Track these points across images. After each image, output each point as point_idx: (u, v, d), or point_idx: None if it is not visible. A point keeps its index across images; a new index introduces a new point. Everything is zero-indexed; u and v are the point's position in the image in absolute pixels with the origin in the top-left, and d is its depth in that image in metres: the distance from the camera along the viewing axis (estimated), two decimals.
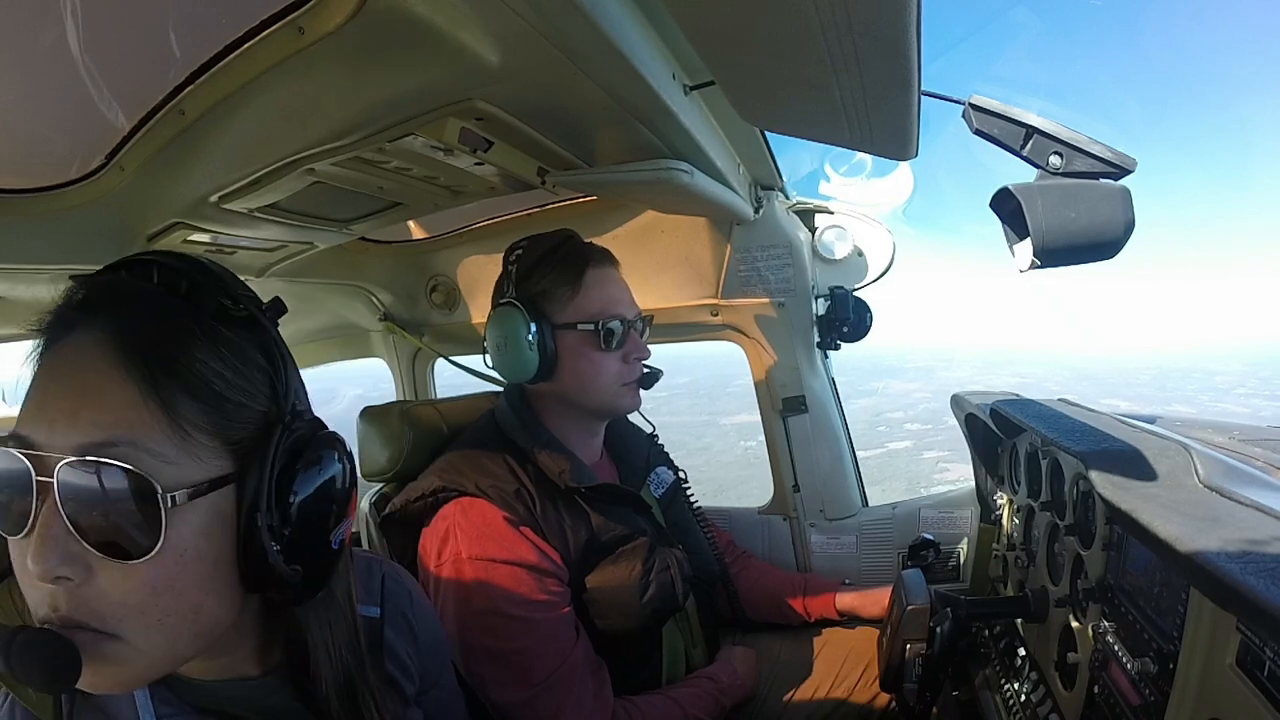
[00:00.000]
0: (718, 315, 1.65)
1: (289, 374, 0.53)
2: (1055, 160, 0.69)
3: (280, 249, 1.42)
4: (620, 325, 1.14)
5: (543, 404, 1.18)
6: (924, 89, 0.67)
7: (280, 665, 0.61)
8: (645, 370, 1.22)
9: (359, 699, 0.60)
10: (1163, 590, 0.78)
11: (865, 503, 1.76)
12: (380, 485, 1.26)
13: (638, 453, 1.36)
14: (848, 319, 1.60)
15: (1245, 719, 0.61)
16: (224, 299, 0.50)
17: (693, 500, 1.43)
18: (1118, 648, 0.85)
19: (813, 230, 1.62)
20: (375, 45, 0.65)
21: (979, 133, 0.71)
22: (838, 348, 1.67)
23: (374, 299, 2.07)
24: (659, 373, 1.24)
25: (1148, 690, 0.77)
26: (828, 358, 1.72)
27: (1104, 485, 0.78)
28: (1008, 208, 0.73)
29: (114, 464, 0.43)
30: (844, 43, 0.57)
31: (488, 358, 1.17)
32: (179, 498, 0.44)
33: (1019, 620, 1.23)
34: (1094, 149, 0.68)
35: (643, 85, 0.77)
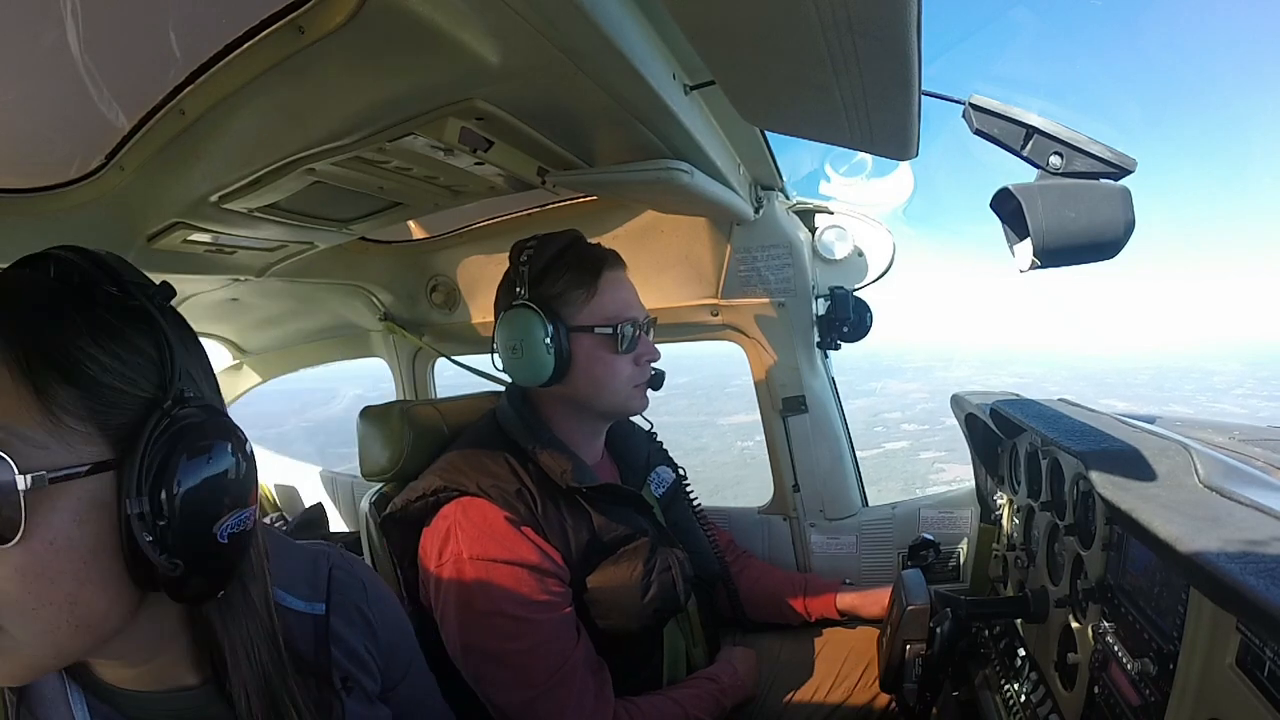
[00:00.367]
0: (718, 315, 1.65)
1: (182, 361, 0.52)
2: (1055, 160, 0.69)
3: (280, 249, 1.42)
4: (633, 328, 1.14)
5: (548, 405, 1.18)
6: (924, 89, 0.67)
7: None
8: (654, 371, 1.22)
9: (279, 704, 0.58)
10: (1163, 590, 0.78)
11: (865, 503, 1.76)
12: (380, 485, 1.26)
13: (638, 452, 1.36)
14: (848, 319, 1.60)
15: (1245, 719, 0.61)
16: (112, 289, 0.50)
17: (693, 500, 1.43)
18: (1118, 648, 0.85)
19: (813, 230, 1.62)
20: (375, 45, 0.65)
21: (979, 133, 0.71)
22: (838, 348, 1.67)
23: (374, 299, 2.07)
24: (664, 374, 1.25)
25: (1148, 690, 0.77)
26: (828, 358, 1.72)
27: (1104, 485, 0.78)
28: (1008, 208, 0.73)
29: None
30: (844, 42, 0.57)
31: (496, 359, 1.15)
32: (37, 481, 0.44)
33: (1019, 620, 1.23)
34: (1094, 149, 0.68)
35: (643, 85, 0.77)
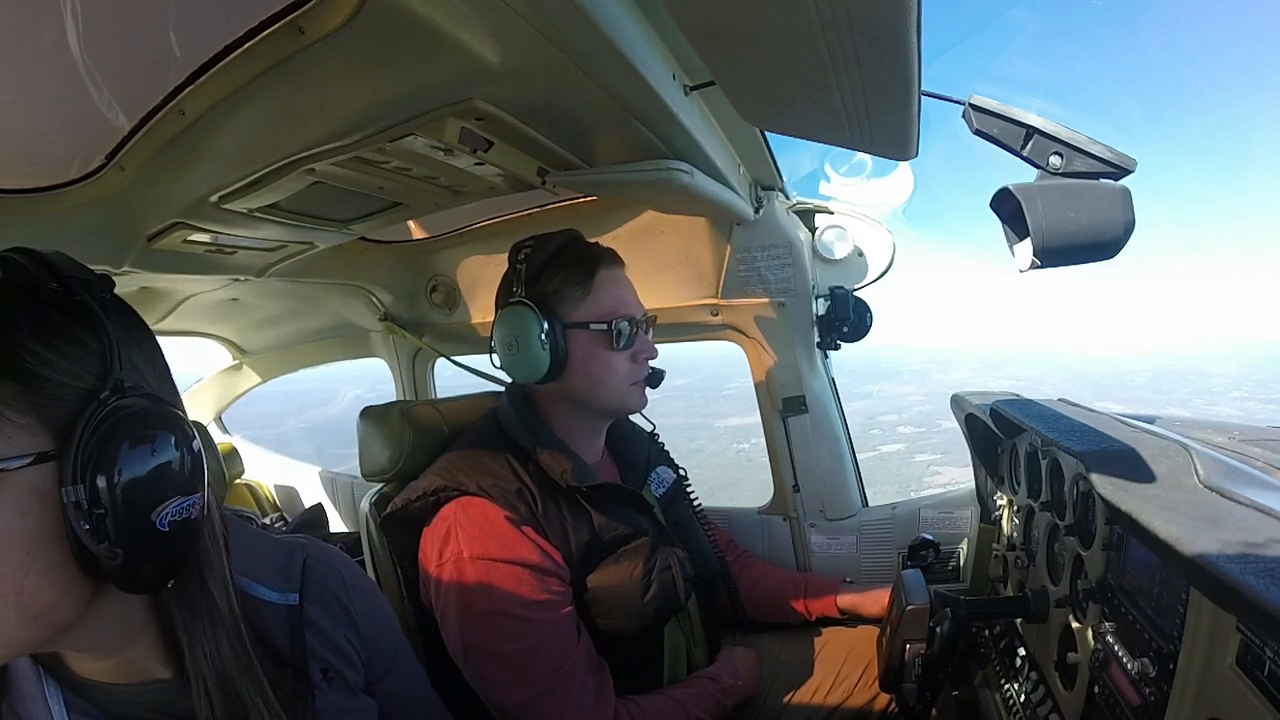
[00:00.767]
0: (718, 315, 1.65)
1: (127, 352, 0.52)
2: (1055, 160, 0.69)
3: (280, 249, 1.42)
4: (630, 325, 1.14)
5: (548, 404, 1.18)
6: (924, 89, 0.67)
7: None
8: (651, 370, 1.22)
9: (238, 696, 0.58)
10: (1163, 590, 0.78)
11: (865, 503, 1.76)
12: (380, 485, 1.26)
13: (638, 452, 1.36)
14: (848, 319, 1.61)
15: (1245, 719, 0.61)
16: (55, 285, 0.51)
17: (694, 500, 1.43)
18: (1118, 648, 0.85)
19: (813, 230, 1.62)
20: (375, 45, 0.65)
21: (979, 133, 0.71)
22: (838, 348, 1.67)
23: (374, 299, 2.07)
24: (663, 372, 1.25)
25: (1148, 690, 0.77)
26: (828, 358, 1.72)
27: (1104, 485, 0.78)
28: (1008, 208, 0.73)
29: None
30: (844, 43, 0.57)
31: (494, 357, 1.16)
32: None
33: (1019, 620, 1.23)
34: (1094, 149, 0.68)
35: (643, 85, 0.77)
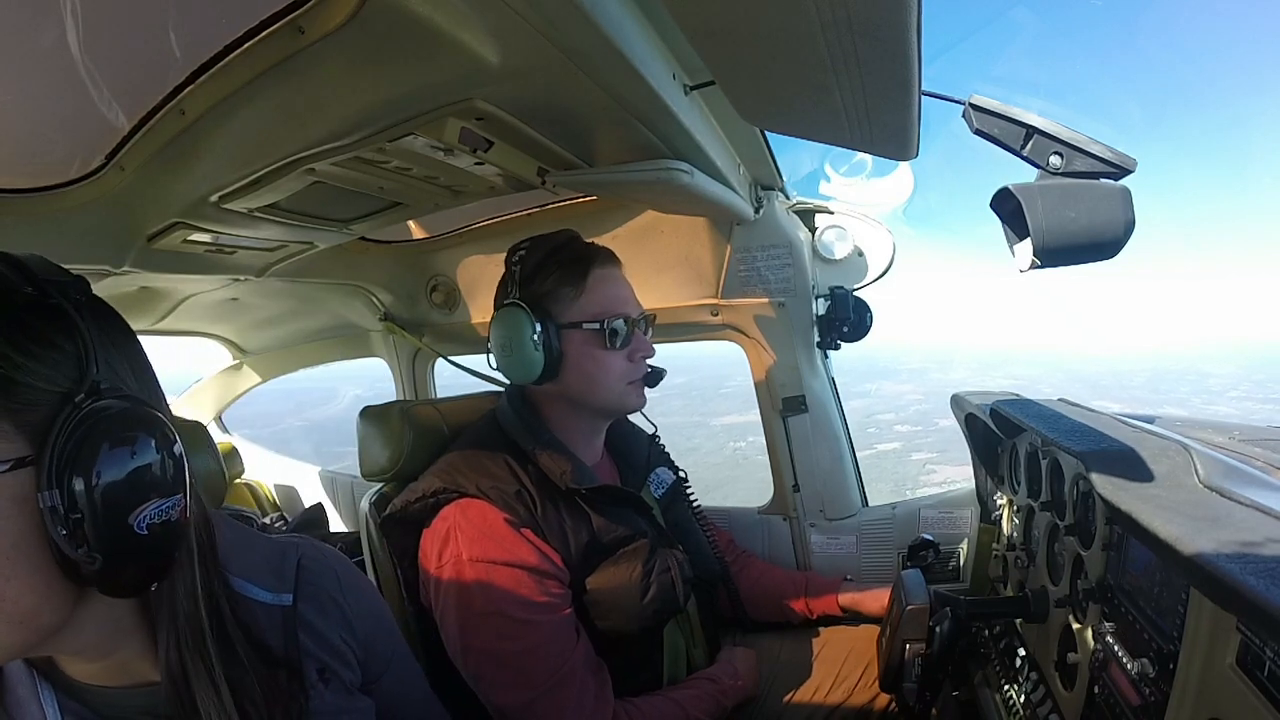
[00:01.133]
0: (718, 315, 1.65)
1: (102, 354, 0.51)
2: (1055, 160, 0.69)
3: (280, 249, 1.42)
4: (625, 324, 1.14)
5: (546, 404, 1.18)
6: (924, 89, 0.67)
7: None
8: (650, 369, 1.21)
9: (195, 697, 0.56)
10: (1163, 590, 0.78)
11: (865, 503, 1.76)
12: (380, 485, 1.26)
13: (638, 453, 1.36)
14: (848, 319, 1.61)
15: (1245, 719, 0.61)
16: (29, 289, 0.50)
17: (693, 501, 1.43)
18: (1118, 648, 0.85)
19: (813, 230, 1.62)
20: (375, 45, 0.65)
21: (979, 133, 0.71)
22: (838, 347, 1.67)
23: (374, 299, 2.07)
24: (662, 371, 1.24)
25: (1148, 690, 0.77)
26: (828, 357, 1.72)
27: (1104, 485, 0.78)
28: (1008, 208, 0.73)
29: None
30: (844, 43, 0.57)
31: (491, 358, 1.16)
32: None
33: (1019, 620, 1.23)
34: (1094, 149, 0.68)
35: (643, 85, 0.77)
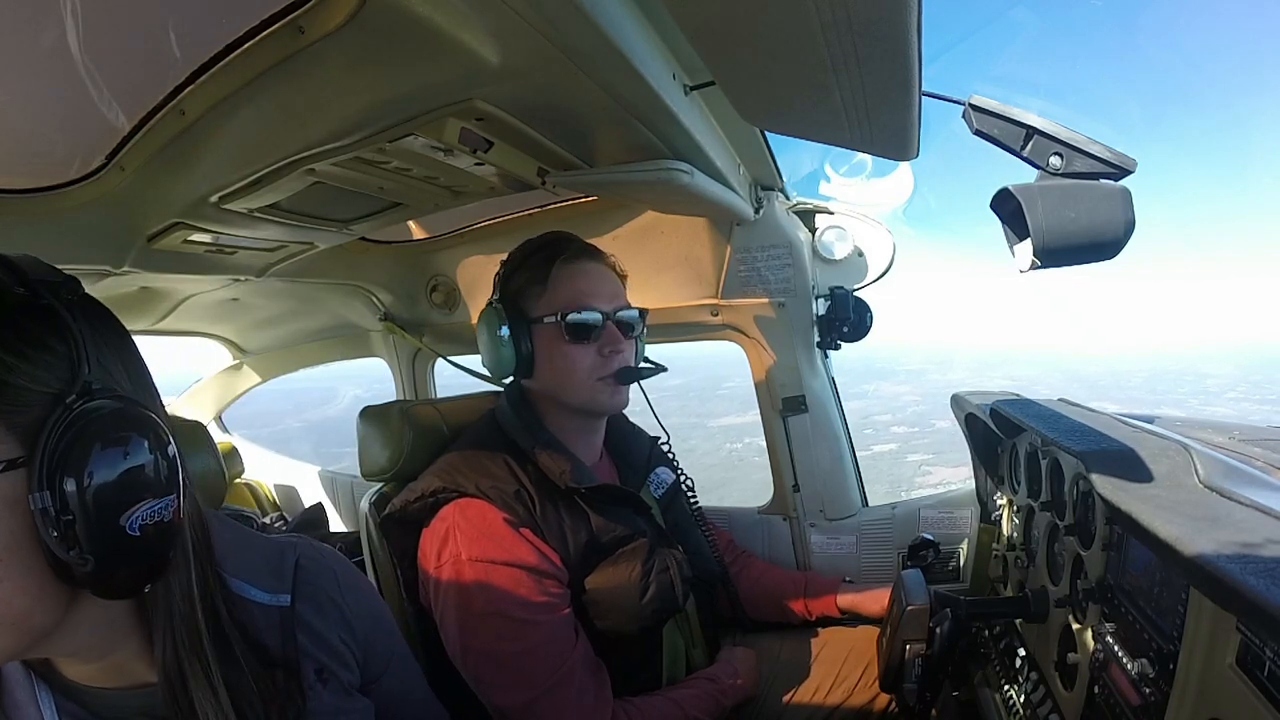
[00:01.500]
0: (718, 315, 1.65)
1: (94, 355, 0.51)
2: (1055, 160, 0.69)
3: (280, 249, 1.42)
4: (588, 316, 1.11)
5: (541, 403, 1.19)
6: (924, 89, 0.67)
7: None
8: (647, 366, 1.19)
9: (192, 698, 0.56)
10: (1163, 590, 0.78)
11: (865, 503, 1.76)
12: (380, 485, 1.26)
13: (638, 453, 1.36)
14: (848, 319, 1.61)
15: (1245, 719, 0.61)
16: (21, 289, 0.50)
17: (693, 501, 1.43)
18: (1118, 648, 0.85)
19: (813, 230, 1.62)
20: (375, 45, 0.65)
21: (979, 133, 0.71)
22: (838, 348, 1.67)
23: (374, 299, 2.07)
24: (643, 370, 1.19)
25: (1148, 690, 0.77)
26: (828, 358, 1.72)
27: (1104, 485, 0.78)
28: (1008, 208, 0.73)
29: None
30: (844, 43, 0.57)
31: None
32: None
33: (1019, 620, 1.23)
34: (1094, 149, 0.68)
35: (643, 85, 0.77)
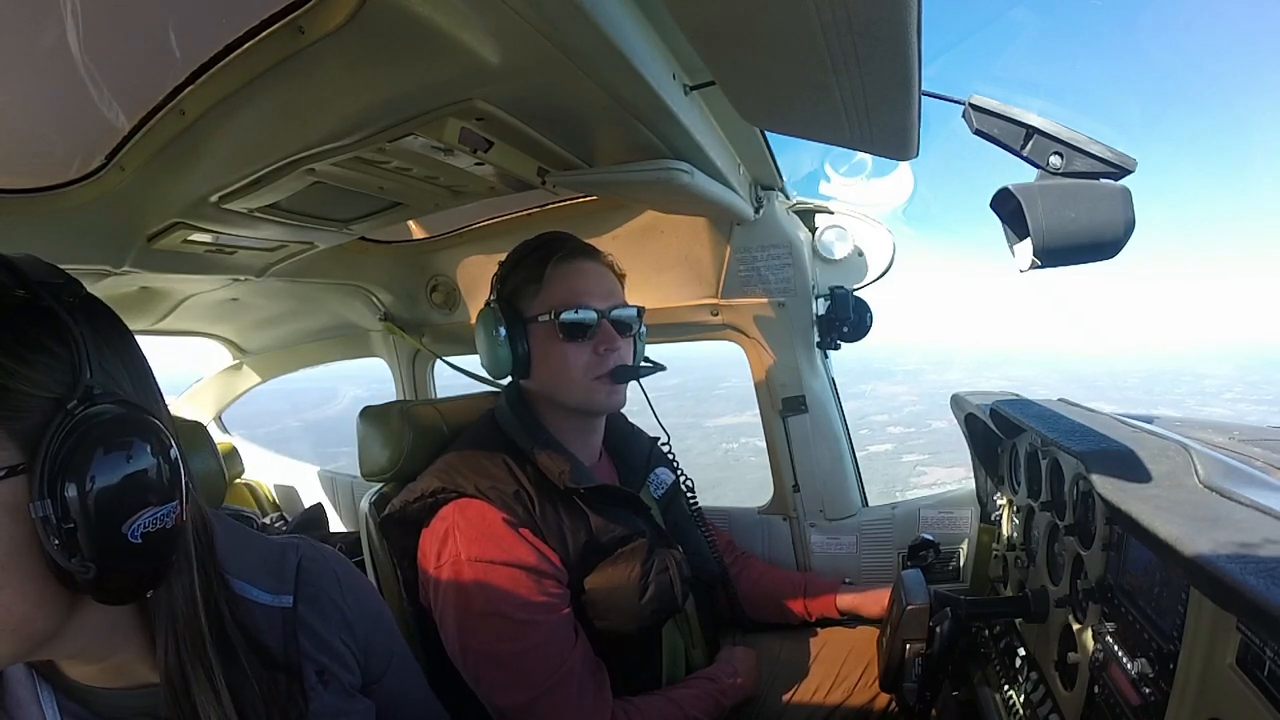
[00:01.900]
0: (718, 315, 1.66)
1: (96, 358, 0.50)
2: (1055, 160, 0.69)
3: (280, 249, 1.42)
4: (582, 315, 1.11)
5: (540, 403, 1.19)
6: (924, 89, 0.67)
7: None
8: (647, 365, 1.18)
9: (194, 700, 0.56)
10: (1163, 590, 0.78)
11: (865, 503, 1.76)
12: (380, 485, 1.26)
13: (638, 453, 1.36)
14: (848, 319, 1.61)
15: (1245, 719, 0.61)
16: (21, 291, 0.49)
17: (692, 501, 1.43)
18: (1118, 648, 0.85)
19: (813, 230, 1.62)
20: (375, 45, 0.65)
21: (979, 133, 0.71)
22: (838, 347, 1.67)
23: (374, 299, 2.07)
24: (639, 369, 1.18)
25: (1148, 690, 0.77)
26: (828, 358, 1.72)
27: (1104, 485, 0.78)
28: (1008, 208, 0.73)
29: None
30: (844, 43, 0.57)
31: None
32: None
33: (1019, 620, 1.23)
34: (1094, 149, 0.68)
35: (643, 85, 0.77)
